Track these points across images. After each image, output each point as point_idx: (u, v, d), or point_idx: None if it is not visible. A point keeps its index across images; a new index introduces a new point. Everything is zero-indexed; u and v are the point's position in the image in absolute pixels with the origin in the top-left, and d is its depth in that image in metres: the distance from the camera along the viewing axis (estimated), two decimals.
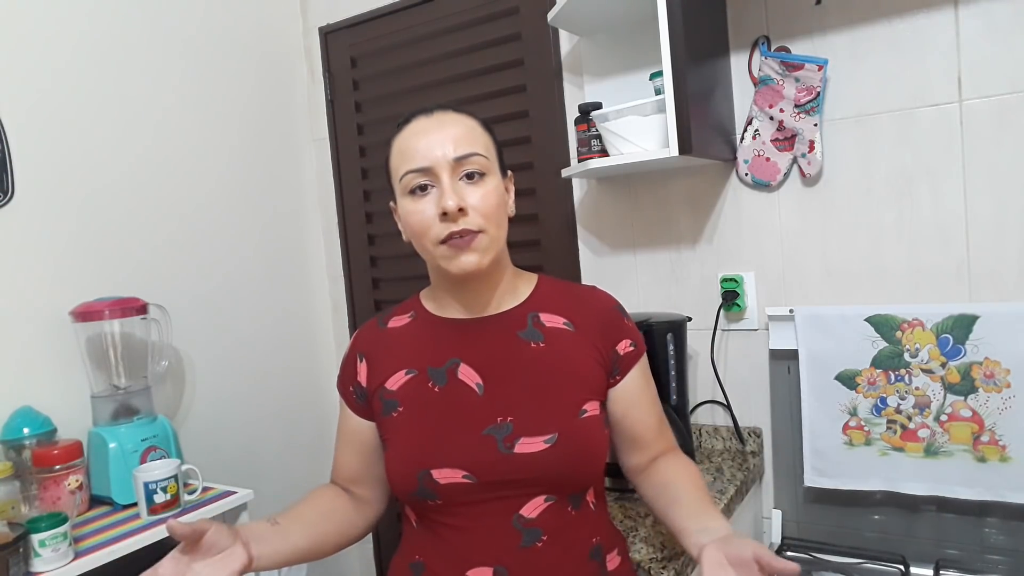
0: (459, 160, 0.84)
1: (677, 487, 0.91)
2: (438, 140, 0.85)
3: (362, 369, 0.96)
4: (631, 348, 0.96)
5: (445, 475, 0.85)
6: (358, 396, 0.96)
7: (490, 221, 0.85)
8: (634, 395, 0.96)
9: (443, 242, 0.84)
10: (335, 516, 0.96)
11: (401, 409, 0.90)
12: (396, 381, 0.92)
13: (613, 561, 0.92)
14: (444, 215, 0.83)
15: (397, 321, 0.98)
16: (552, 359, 0.90)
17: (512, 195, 0.94)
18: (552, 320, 0.93)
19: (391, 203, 0.94)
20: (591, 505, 0.91)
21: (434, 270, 0.94)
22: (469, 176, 0.85)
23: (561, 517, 0.87)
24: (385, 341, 0.97)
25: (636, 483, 1.01)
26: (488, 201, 0.85)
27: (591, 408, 0.89)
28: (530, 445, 0.84)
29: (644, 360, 0.99)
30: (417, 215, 0.85)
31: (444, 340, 0.93)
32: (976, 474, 1.24)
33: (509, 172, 0.95)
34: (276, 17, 2.06)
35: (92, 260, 1.54)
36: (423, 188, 0.85)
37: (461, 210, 0.83)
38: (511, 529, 0.85)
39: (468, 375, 0.89)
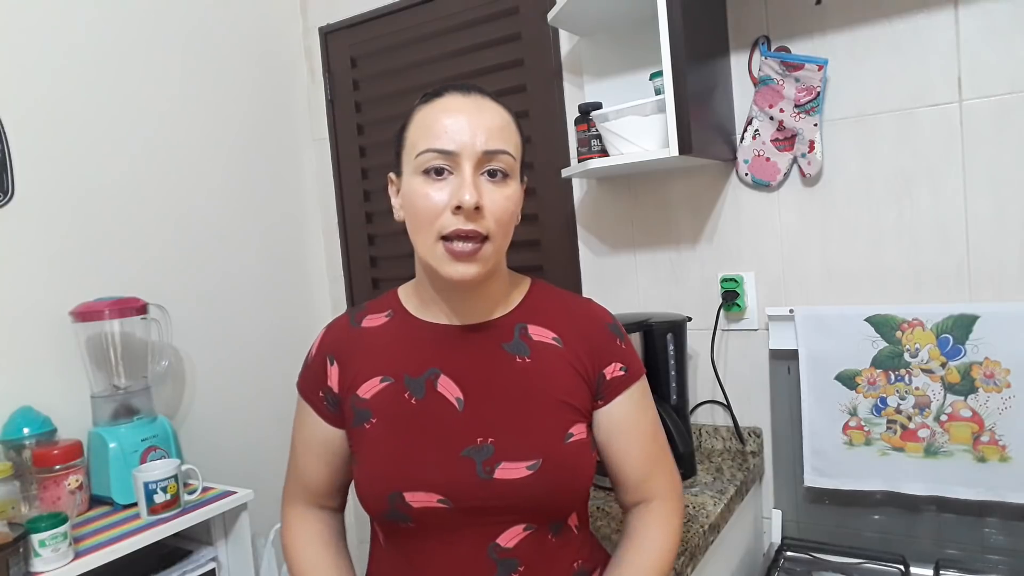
0: (488, 154, 0.76)
1: (622, 561, 0.85)
2: (470, 125, 0.76)
3: (333, 373, 0.87)
4: (620, 372, 0.86)
5: (419, 499, 0.78)
6: (329, 403, 0.87)
7: (500, 228, 0.78)
8: (619, 424, 0.86)
9: (445, 238, 0.76)
10: (344, 551, 0.94)
11: (374, 421, 0.82)
12: (370, 388, 0.84)
13: None
14: (458, 208, 0.74)
15: (372, 320, 0.89)
16: (538, 376, 0.82)
17: (521, 202, 0.85)
18: (540, 334, 0.85)
19: (391, 175, 0.86)
20: (573, 529, 0.86)
21: (424, 266, 0.84)
22: (491, 174, 0.77)
23: (540, 545, 0.81)
24: (358, 342, 0.87)
25: (624, 516, 0.92)
26: (505, 207, 0.78)
27: (578, 432, 0.82)
28: (511, 471, 0.78)
29: (639, 388, 0.88)
30: (425, 199, 0.76)
31: (424, 346, 0.84)
32: (976, 474, 1.24)
33: (525, 178, 0.86)
34: (276, 17, 2.06)
35: (92, 260, 1.54)
36: (439, 172, 0.76)
37: (477, 209, 0.75)
38: (485, 559, 0.79)
39: (448, 388, 0.82)
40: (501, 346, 0.84)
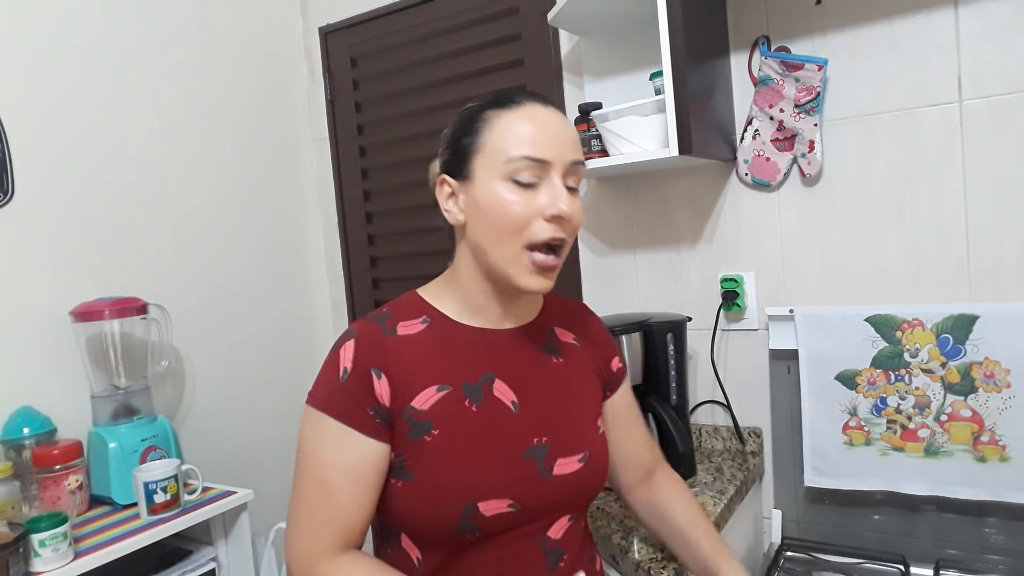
0: (573, 165, 0.79)
1: (685, 523, 0.96)
2: (562, 137, 0.79)
3: (383, 387, 0.78)
4: (620, 365, 0.99)
5: (492, 507, 0.77)
6: (382, 420, 0.78)
7: (572, 238, 0.81)
8: (624, 411, 0.99)
9: (533, 247, 0.77)
10: None
11: (436, 432, 0.78)
12: (426, 399, 0.79)
13: (597, 563, 0.95)
14: (555, 217, 0.77)
15: (408, 327, 0.83)
16: (571, 375, 0.89)
17: None
18: (564, 335, 0.92)
19: (444, 176, 0.83)
20: (585, 516, 0.93)
21: (488, 272, 0.82)
22: (570, 185, 0.80)
23: (577, 533, 0.87)
24: (400, 352, 0.81)
25: (629, 502, 1.02)
26: (580, 217, 0.81)
27: (600, 423, 0.92)
28: (566, 466, 0.82)
29: (629, 378, 1.03)
30: (518, 206, 0.77)
31: (474, 352, 0.83)
32: (976, 474, 1.24)
33: None
34: (276, 17, 2.06)
35: (92, 260, 1.54)
36: (531, 182, 0.77)
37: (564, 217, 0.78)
38: (539, 553, 0.81)
39: (503, 392, 0.82)
40: (538, 348, 0.88)
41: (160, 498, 1.30)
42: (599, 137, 1.45)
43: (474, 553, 0.79)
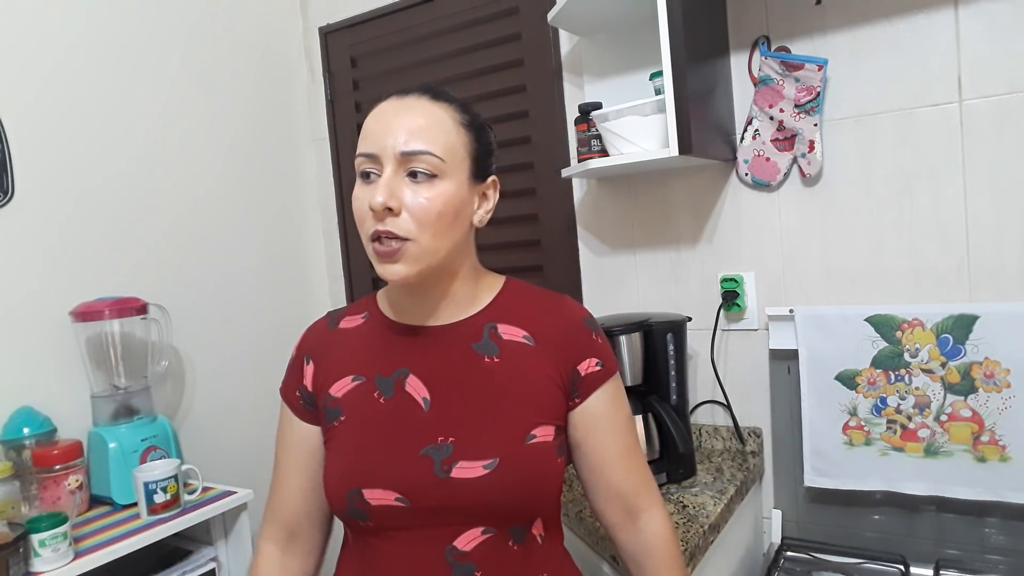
0: (406, 155, 0.76)
1: None
2: (392, 128, 0.77)
3: (308, 372, 0.88)
4: (596, 368, 0.86)
5: (377, 496, 0.78)
6: (305, 401, 0.88)
7: (425, 229, 0.76)
8: (595, 419, 0.86)
9: (374, 240, 0.77)
10: None
11: (343, 419, 0.83)
12: (342, 387, 0.85)
13: None
14: (372, 211, 0.76)
15: (349, 321, 0.90)
16: (506, 376, 0.82)
17: (490, 203, 0.85)
18: (511, 332, 0.85)
19: None
20: (538, 539, 0.84)
21: None
22: (413, 175, 0.76)
23: (500, 552, 0.79)
24: (334, 343, 0.89)
25: (616, 544, 0.92)
26: (427, 207, 0.76)
27: (542, 433, 0.81)
28: (468, 470, 0.77)
29: (614, 383, 0.88)
30: (357, 202, 0.79)
31: (395, 347, 0.85)
32: (976, 474, 1.24)
33: (493, 178, 0.85)
34: (276, 17, 2.06)
35: (92, 260, 1.54)
36: (366, 176, 0.78)
37: (389, 209, 0.75)
38: (442, 562, 0.78)
39: (416, 388, 0.82)
40: (470, 346, 0.84)
41: (160, 498, 1.30)
42: (599, 137, 1.45)
43: (380, 546, 0.81)
